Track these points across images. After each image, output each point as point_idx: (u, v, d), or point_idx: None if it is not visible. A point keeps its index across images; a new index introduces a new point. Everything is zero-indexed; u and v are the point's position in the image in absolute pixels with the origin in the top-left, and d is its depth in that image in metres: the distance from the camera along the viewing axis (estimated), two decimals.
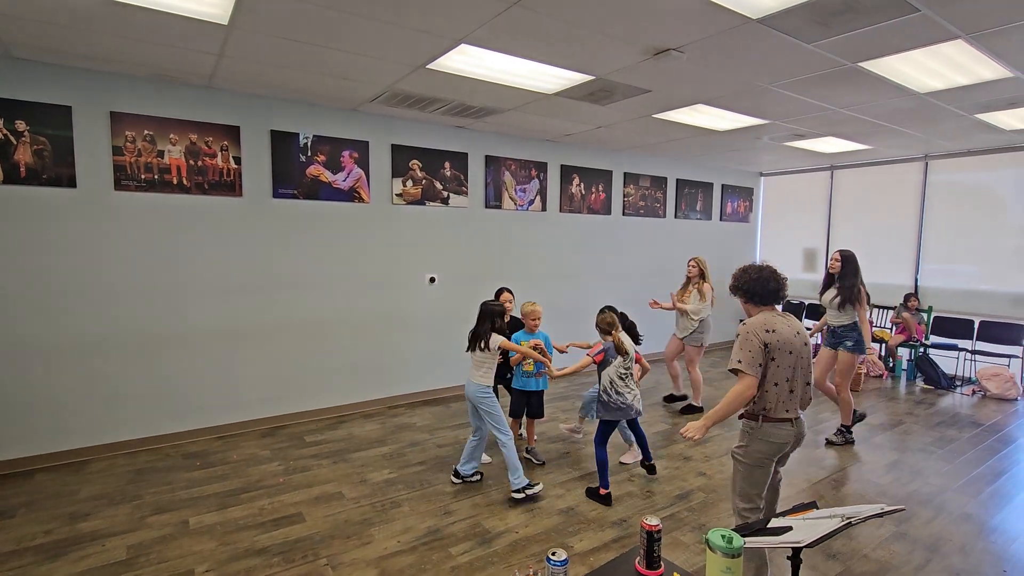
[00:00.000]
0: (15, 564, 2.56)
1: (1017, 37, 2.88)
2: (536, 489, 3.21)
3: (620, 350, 3.28)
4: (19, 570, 2.51)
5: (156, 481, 3.44)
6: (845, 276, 4.13)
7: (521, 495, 3.18)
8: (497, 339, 3.24)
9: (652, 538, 1.49)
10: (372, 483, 3.44)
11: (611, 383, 3.26)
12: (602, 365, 3.31)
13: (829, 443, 4.23)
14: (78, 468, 3.61)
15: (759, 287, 2.32)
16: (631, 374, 3.33)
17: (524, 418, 3.85)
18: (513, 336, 3.71)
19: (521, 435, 4.00)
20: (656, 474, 3.55)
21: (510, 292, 3.97)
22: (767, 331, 2.20)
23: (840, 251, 4.23)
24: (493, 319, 3.27)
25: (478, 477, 3.49)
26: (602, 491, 3.24)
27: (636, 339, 3.52)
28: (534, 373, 3.67)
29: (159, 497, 3.23)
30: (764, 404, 2.23)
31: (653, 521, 1.51)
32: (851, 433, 4.26)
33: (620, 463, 3.78)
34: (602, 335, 3.36)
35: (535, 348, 3.52)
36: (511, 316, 3.86)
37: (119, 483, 3.40)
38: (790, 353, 2.22)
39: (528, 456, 3.81)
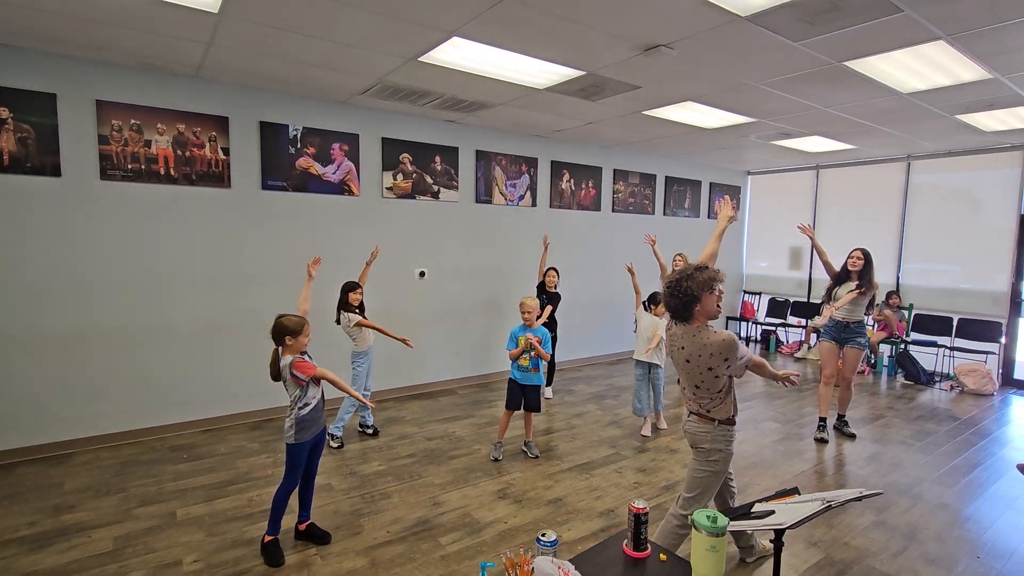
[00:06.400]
0: None
1: (995, 39, 2.95)
2: None
3: None
4: (3, 561, 2.48)
5: (142, 473, 3.41)
6: (866, 273, 4.18)
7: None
8: None
9: (639, 520, 1.53)
10: (361, 475, 3.45)
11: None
12: None
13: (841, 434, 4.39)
14: (61, 461, 3.57)
15: None
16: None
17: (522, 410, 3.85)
18: (511, 332, 3.75)
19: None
20: None
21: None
22: None
23: (860, 249, 4.25)
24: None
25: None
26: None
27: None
28: (529, 368, 3.70)
29: (145, 489, 3.20)
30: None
31: (640, 504, 1.55)
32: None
33: (642, 435, 4.26)
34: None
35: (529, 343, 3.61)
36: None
37: (104, 476, 3.37)
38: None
39: (524, 449, 3.84)
